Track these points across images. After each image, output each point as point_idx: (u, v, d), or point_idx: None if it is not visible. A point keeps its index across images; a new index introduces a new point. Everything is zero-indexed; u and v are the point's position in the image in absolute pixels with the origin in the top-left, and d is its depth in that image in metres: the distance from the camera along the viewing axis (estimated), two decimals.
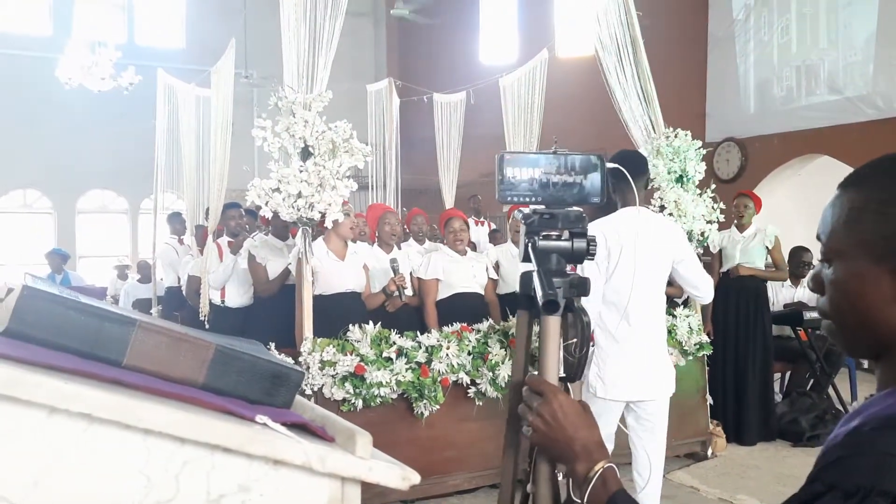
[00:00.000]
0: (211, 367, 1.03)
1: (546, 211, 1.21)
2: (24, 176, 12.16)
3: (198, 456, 0.94)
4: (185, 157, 7.43)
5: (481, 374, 4.26)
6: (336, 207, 4.12)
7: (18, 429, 0.86)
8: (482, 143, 9.29)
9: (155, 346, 0.99)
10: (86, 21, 12.40)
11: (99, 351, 0.95)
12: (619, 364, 3.13)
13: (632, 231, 3.01)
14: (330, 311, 4.26)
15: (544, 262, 1.14)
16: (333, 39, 4.25)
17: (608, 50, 5.33)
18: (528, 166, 1.21)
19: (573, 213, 1.23)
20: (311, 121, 4.10)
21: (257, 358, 1.07)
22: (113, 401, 0.90)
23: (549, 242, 1.19)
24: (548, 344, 1.14)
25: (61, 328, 0.93)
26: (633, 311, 3.05)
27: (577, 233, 1.21)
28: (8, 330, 0.91)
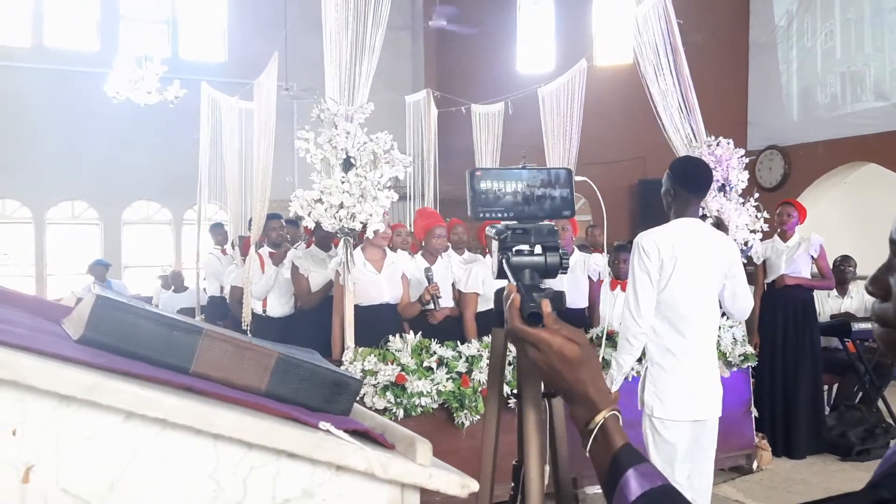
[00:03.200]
0: (273, 375, 1.05)
1: (519, 226, 1.21)
2: (72, 188, 12.48)
3: (265, 461, 0.97)
4: (227, 169, 7.57)
5: None
6: (377, 218, 4.16)
7: (97, 433, 0.90)
8: (518, 154, 9.29)
9: (220, 354, 1.02)
10: (132, 36, 12.72)
11: (168, 358, 0.98)
12: (678, 381, 2.97)
13: (686, 243, 2.93)
14: (367, 321, 4.28)
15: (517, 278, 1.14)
16: (375, 51, 4.30)
17: (648, 58, 5.31)
18: (499, 181, 1.21)
19: (546, 227, 1.22)
20: (353, 132, 4.15)
21: (318, 366, 1.10)
22: (187, 406, 0.92)
23: (522, 258, 1.18)
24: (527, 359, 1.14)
25: (132, 336, 0.96)
26: (689, 326, 2.94)
27: (550, 246, 1.20)
28: (83, 337, 0.94)
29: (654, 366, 3.01)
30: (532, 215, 1.20)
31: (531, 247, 1.18)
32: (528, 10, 14.06)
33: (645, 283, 2.92)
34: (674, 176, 3.02)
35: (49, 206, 12.70)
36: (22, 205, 12.58)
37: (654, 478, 0.91)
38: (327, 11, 4.37)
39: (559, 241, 1.21)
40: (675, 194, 3.00)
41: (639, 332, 2.96)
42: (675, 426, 2.94)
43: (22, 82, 11.66)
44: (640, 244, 2.99)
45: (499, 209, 1.20)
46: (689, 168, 3.12)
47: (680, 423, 2.94)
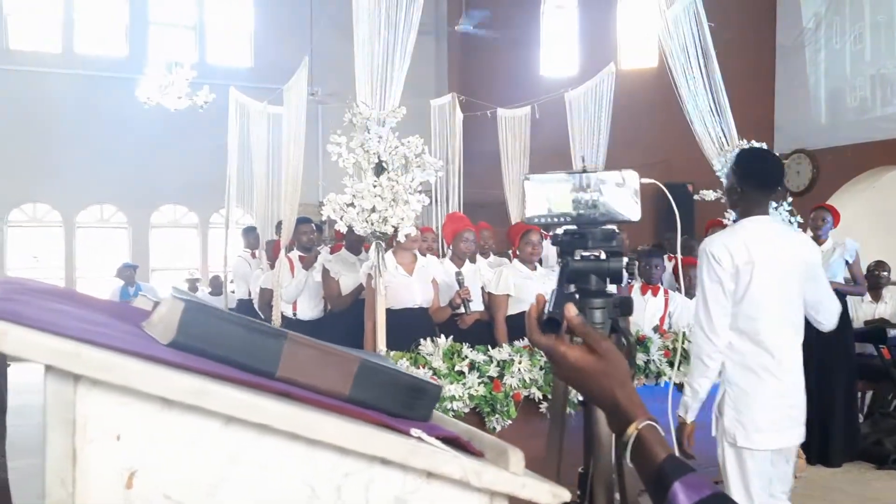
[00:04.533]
0: (356, 380, 1.06)
1: (576, 230, 1.19)
2: (100, 192, 12.65)
3: (358, 468, 0.97)
4: (255, 173, 7.62)
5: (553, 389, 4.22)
6: (408, 222, 4.17)
7: (197, 438, 0.90)
8: (546, 157, 9.26)
9: (304, 359, 1.03)
10: (160, 42, 12.88)
11: (255, 363, 0.99)
12: (762, 405, 2.60)
13: (762, 245, 2.60)
14: (397, 325, 4.29)
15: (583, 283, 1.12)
16: (406, 54, 4.31)
17: (678, 61, 5.28)
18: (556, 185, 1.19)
19: (604, 231, 1.20)
20: (385, 136, 4.16)
21: (397, 371, 1.10)
22: (290, 413, 0.93)
23: (583, 263, 1.16)
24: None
25: (221, 340, 0.97)
26: (772, 340, 2.58)
27: (613, 251, 1.18)
28: (174, 341, 0.95)
29: (732, 387, 2.65)
30: (591, 219, 1.19)
31: (593, 252, 1.17)
32: (551, 14, 14.05)
33: (718, 295, 2.58)
34: (740, 171, 2.72)
35: (79, 209, 12.88)
36: (52, 208, 12.77)
37: (703, 487, 0.89)
38: (358, 16, 4.39)
39: (622, 245, 1.20)
40: (741, 192, 2.68)
41: (714, 350, 2.60)
42: (759, 455, 2.62)
43: (52, 88, 11.85)
44: (708, 251, 2.64)
45: (555, 214, 1.19)
46: (756, 162, 2.79)
47: (763, 452, 2.62)
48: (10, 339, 0.82)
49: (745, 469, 2.62)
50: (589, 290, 1.12)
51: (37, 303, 0.95)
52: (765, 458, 2.63)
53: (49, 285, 1.24)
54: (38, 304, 0.94)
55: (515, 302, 4.71)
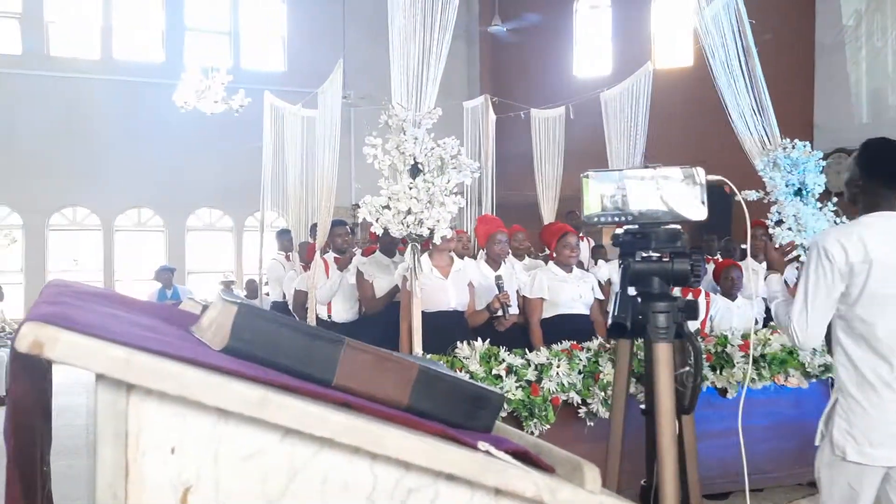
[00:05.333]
0: (415, 388, 1.00)
1: (638, 230, 1.13)
2: (138, 195, 12.85)
3: (423, 484, 0.92)
4: (290, 176, 7.66)
5: (592, 393, 4.16)
6: (444, 224, 4.14)
7: (256, 451, 0.85)
8: (579, 158, 9.17)
9: (362, 366, 0.98)
10: (195, 47, 13.04)
11: (311, 370, 0.94)
12: (880, 420, 2.38)
13: (883, 244, 2.38)
14: (432, 328, 4.25)
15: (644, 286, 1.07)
16: (442, 55, 4.28)
17: (718, 58, 5.18)
18: (615, 184, 1.13)
19: (668, 231, 1.14)
20: (421, 137, 4.13)
21: (458, 379, 1.05)
22: (354, 425, 0.88)
23: (646, 264, 1.10)
24: (659, 373, 1.06)
25: (276, 346, 0.92)
26: (891, 348, 2.36)
27: (677, 252, 1.12)
28: (229, 347, 0.91)
29: (846, 398, 2.43)
30: (654, 219, 1.13)
31: (657, 253, 1.11)
32: (584, 14, 13.93)
33: (819, 295, 2.35)
34: (865, 162, 2.49)
35: (117, 213, 13.09)
36: (91, 212, 12.99)
37: None
38: (393, 16, 4.37)
39: (686, 245, 1.14)
40: (862, 185, 2.44)
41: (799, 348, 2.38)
42: (871, 471, 2.41)
43: (91, 94, 12.06)
44: (821, 245, 2.40)
45: (615, 213, 1.14)
46: (885, 152, 2.53)
47: (875, 468, 2.41)
48: (60, 346, 0.78)
49: (850, 487, 2.41)
50: (651, 293, 1.07)
51: (87, 306, 0.92)
52: (876, 476, 2.42)
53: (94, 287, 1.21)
54: (88, 308, 0.91)
55: (550, 305, 4.65)
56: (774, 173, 4.82)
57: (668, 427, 1.07)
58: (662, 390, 1.04)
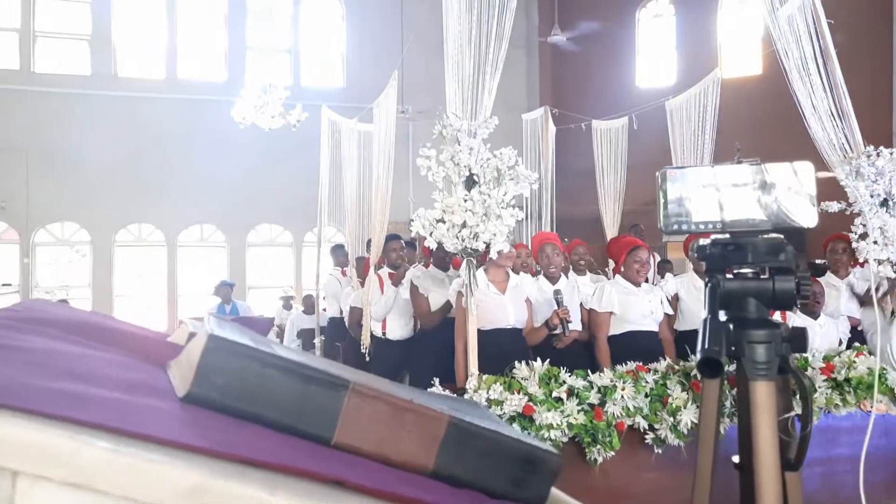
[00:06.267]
0: (443, 448, 0.76)
1: (730, 241, 0.90)
2: (200, 211, 13.06)
3: None
4: (347, 190, 7.60)
5: (660, 418, 3.89)
6: (501, 237, 3.95)
7: None
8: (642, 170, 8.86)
9: (372, 418, 0.74)
10: (257, 66, 13.24)
11: (303, 424, 0.72)
12: None
13: None
14: (489, 346, 4.04)
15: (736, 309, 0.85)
16: (498, 63, 4.12)
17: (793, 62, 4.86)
18: (701, 184, 0.90)
19: (768, 241, 0.89)
20: (476, 148, 3.97)
21: (501, 435, 0.80)
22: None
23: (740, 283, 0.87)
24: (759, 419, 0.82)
25: (257, 393, 0.70)
26: None
27: (780, 267, 0.88)
28: (190, 395, 0.70)
29: None
30: (750, 226, 0.91)
31: (753, 268, 0.89)
32: (647, 23, 13.60)
33: None
34: None
35: (180, 229, 13.33)
36: (156, 228, 13.26)
37: None
38: (448, 25, 4.23)
39: (791, 258, 0.90)
40: None
41: None
42: None
43: (157, 113, 12.35)
44: None
45: (702, 219, 0.92)
46: None
47: None
48: None
49: None
50: (747, 318, 0.85)
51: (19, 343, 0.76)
52: None
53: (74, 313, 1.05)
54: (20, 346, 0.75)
55: (619, 321, 4.39)
56: (858, 183, 4.47)
57: (771, 487, 0.84)
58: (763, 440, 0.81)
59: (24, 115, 12.23)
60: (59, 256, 13.15)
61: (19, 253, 12.68)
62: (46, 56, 12.86)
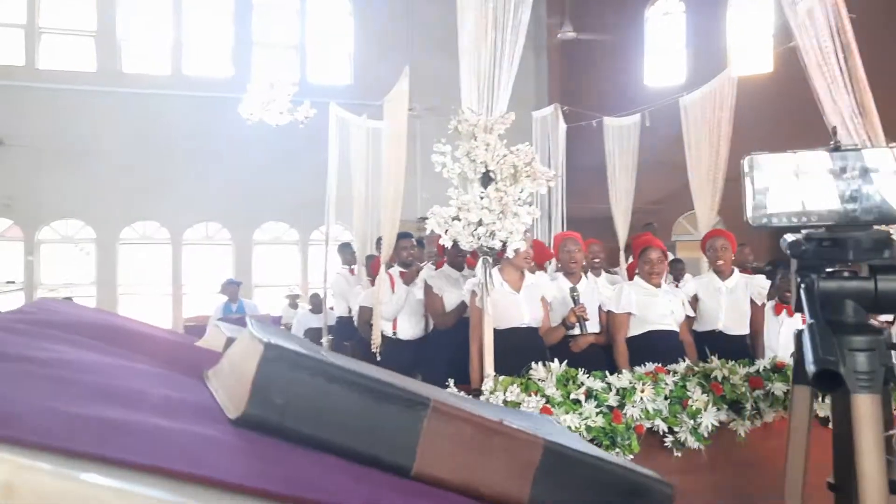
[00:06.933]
0: (539, 476, 0.65)
1: (827, 236, 0.81)
2: (206, 209, 12.98)
3: None
4: (355, 188, 7.52)
5: (680, 421, 3.80)
6: (518, 236, 3.86)
7: None
8: (654, 168, 8.76)
9: (456, 442, 0.63)
10: (263, 62, 13.16)
11: (378, 451, 0.60)
12: None
13: None
14: (504, 346, 3.96)
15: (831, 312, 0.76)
16: (515, 56, 4.03)
17: (813, 58, 4.76)
18: (792, 172, 0.81)
19: (871, 236, 0.80)
20: (493, 144, 3.88)
21: (605, 462, 0.72)
22: None
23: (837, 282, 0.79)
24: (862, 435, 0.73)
25: (323, 413, 0.59)
26: None
27: (883, 266, 0.79)
28: (246, 417, 0.58)
29: None
30: (850, 219, 0.82)
31: (852, 267, 0.80)
32: (656, 21, 13.50)
33: None
34: None
35: (185, 227, 13.25)
36: (161, 225, 13.18)
37: None
38: (463, 18, 4.14)
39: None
40: None
41: None
42: None
43: (162, 109, 12.26)
44: None
45: (794, 212, 0.83)
46: None
47: None
48: None
49: None
50: (844, 322, 0.75)
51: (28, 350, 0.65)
52: None
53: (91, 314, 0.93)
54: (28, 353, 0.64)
55: (638, 322, 4.29)
56: None
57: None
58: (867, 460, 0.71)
59: (29, 111, 12.16)
60: (63, 254, 13.09)
61: (24, 250, 12.62)
62: (51, 52, 12.79)
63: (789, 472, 0.89)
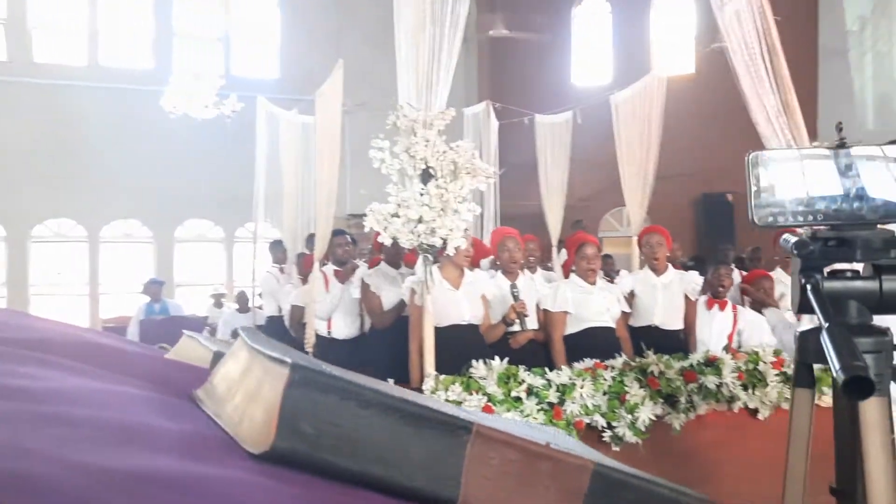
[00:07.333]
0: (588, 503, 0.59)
1: (833, 235, 0.80)
2: (125, 206, 12.45)
3: None
4: (285, 184, 7.34)
5: (618, 416, 3.84)
6: (458, 233, 3.83)
7: None
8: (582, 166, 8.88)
9: (501, 470, 0.57)
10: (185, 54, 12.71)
11: (420, 483, 0.54)
12: None
13: None
14: (445, 344, 3.92)
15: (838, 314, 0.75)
16: (453, 51, 3.99)
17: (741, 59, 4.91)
18: (797, 170, 0.80)
19: (879, 235, 0.80)
20: (433, 140, 3.82)
21: (650, 483, 0.65)
22: None
23: (841, 283, 0.78)
24: (870, 441, 0.72)
25: (358, 443, 0.52)
26: None
27: (888, 266, 0.78)
28: (275, 451, 0.49)
29: None
30: (856, 217, 0.80)
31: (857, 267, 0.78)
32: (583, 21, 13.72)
33: None
34: None
35: (102, 224, 12.68)
36: (77, 223, 12.58)
37: None
38: (401, 12, 4.07)
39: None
40: None
41: None
42: None
43: (78, 101, 11.67)
44: None
45: (799, 210, 0.81)
46: None
47: None
48: None
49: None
50: (850, 324, 0.74)
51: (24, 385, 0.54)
52: None
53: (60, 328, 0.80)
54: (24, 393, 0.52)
55: (574, 320, 4.32)
56: None
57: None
58: (875, 465, 0.69)
59: None
60: None
61: None
62: None
63: (789, 481, 0.86)
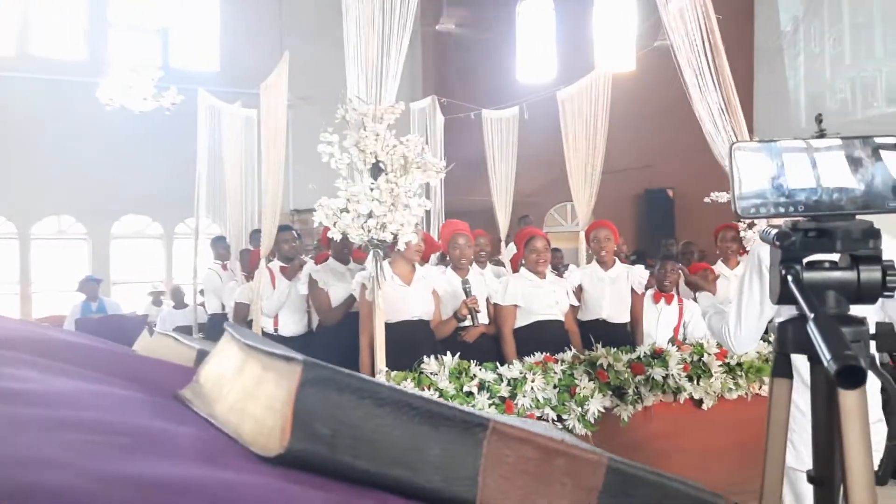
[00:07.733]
0: (604, 498, 0.58)
1: (813, 226, 0.81)
2: (57, 202, 12.00)
3: None
4: (228, 179, 7.16)
5: (568, 408, 3.87)
6: (409, 228, 3.79)
7: None
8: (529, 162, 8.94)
9: (518, 468, 0.55)
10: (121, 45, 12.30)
11: (439, 483, 0.51)
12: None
13: None
14: (395, 341, 3.89)
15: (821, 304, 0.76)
16: (403, 44, 3.95)
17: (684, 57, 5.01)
18: (778, 161, 0.81)
19: (858, 226, 0.81)
20: (382, 134, 3.78)
21: (664, 478, 0.63)
22: None
23: (819, 273, 0.79)
24: (849, 429, 0.73)
25: (375, 443, 0.50)
26: None
27: (865, 256, 0.80)
28: (290, 454, 0.47)
29: None
30: (836, 208, 0.80)
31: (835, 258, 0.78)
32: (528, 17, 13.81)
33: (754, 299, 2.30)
34: None
35: (34, 220, 12.19)
36: (6, 220, 12.06)
37: None
38: (349, 4, 4.01)
39: (880, 246, 0.80)
40: None
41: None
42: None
43: (6, 92, 11.18)
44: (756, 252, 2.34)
45: (781, 202, 0.80)
46: None
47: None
48: None
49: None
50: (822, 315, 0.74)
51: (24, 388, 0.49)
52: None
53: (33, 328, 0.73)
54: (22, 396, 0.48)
55: (524, 313, 4.33)
56: None
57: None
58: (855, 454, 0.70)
59: None
60: None
61: None
62: None
63: (768, 471, 0.86)
